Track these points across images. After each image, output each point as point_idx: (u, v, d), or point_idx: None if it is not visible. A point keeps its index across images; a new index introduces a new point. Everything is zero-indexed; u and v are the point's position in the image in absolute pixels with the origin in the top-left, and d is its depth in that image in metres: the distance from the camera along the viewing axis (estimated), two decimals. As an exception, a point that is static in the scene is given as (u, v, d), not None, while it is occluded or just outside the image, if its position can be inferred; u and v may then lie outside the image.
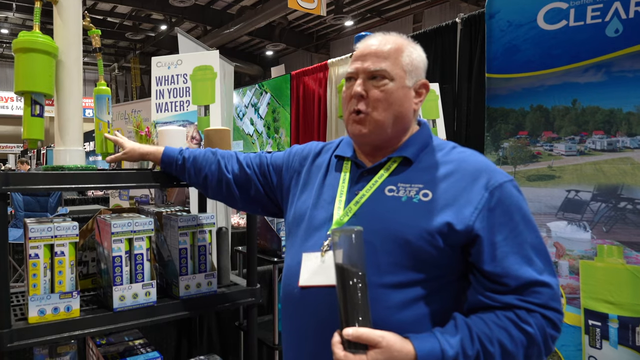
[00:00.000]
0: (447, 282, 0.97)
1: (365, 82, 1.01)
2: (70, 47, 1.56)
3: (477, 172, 0.96)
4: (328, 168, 1.14)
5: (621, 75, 1.65)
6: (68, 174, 1.44)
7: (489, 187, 0.94)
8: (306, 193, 1.15)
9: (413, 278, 0.94)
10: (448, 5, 9.95)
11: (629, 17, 1.62)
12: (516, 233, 0.93)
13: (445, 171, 0.98)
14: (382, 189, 1.00)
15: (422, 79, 1.04)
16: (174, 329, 2.23)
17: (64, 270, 1.43)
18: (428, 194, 0.96)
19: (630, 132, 1.67)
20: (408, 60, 1.01)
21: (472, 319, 0.92)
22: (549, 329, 0.91)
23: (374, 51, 1.01)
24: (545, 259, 0.95)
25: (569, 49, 1.74)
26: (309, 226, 1.08)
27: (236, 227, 3.73)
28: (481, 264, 0.93)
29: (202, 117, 2.16)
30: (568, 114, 1.79)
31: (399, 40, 1.03)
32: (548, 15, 1.78)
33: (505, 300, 0.91)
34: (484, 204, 0.93)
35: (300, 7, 5.63)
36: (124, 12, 11.94)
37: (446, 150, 1.04)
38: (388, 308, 0.93)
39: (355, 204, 1.01)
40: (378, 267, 0.94)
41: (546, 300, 0.91)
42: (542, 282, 0.91)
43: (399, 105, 1.00)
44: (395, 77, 0.99)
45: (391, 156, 1.03)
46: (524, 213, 0.96)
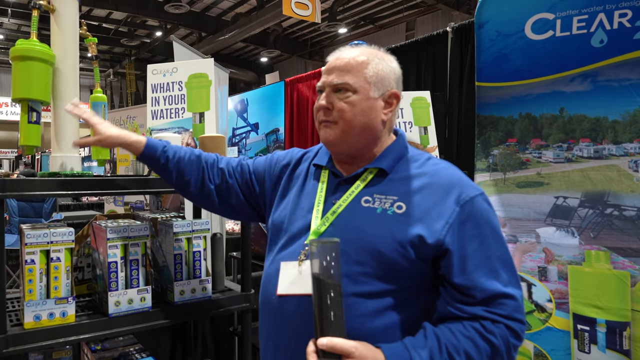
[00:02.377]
0: (417, 292, 1.00)
1: (330, 95, 1.04)
2: (67, 55, 1.59)
3: (449, 186, 0.99)
4: (307, 176, 1.16)
5: (607, 84, 1.69)
6: (64, 180, 1.45)
7: (460, 202, 0.97)
8: (284, 201, 1.17)
9: (385, 288, 0.97)
10: (440, 14, 10.04)
11: (613, 28, 1.66)
12: (485, 246, 0.96)
13: (419, 184, 1.01)
14: (359, 200, 1.03)
15: (392, 89, 1.05)
16: (169, 335, 2.23)
17: (59, 275, 1.43)
18: (402, 207, 0.98)
19: (615, 140, 1.71)
20: (373, 72, 1.02)
21: (440, 328, 0.95)
22: (512, 339, 0.94)
23: (339, 65, 1.04)
24: (511, 271, 0.98)
25: (556, 58, 1.78)
26: (287, 235, 1.10)
27: (231, 233, 3.74)
28: (451, 276, 0.95)
29: (197, 124, 2.18)
30: (556, 122, 1.83)
31: (365, 53, 1.04)
32: (535, 26, 1.82)
33: (472, 311, 0.94)
34: (455, 217, 0.96)
35: (294, 14, 5.67)
36: (119, 18, 11.95)
37: (421, 161, 1.06)
38: (360, 316, 0.96)
39: (332, 214, 1.03)
40: (352, 276, 0.97)
41: (510, 311, 0.95)
42: (507, 294, 0.95)
43: (365, 116, 1.02)
44: (358, 90, 1.01)
45: (367, 167, 1.05)
46: (493, 226, 0.99)
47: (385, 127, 1.06)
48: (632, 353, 1.66)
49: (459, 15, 8.77)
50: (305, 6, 5.78)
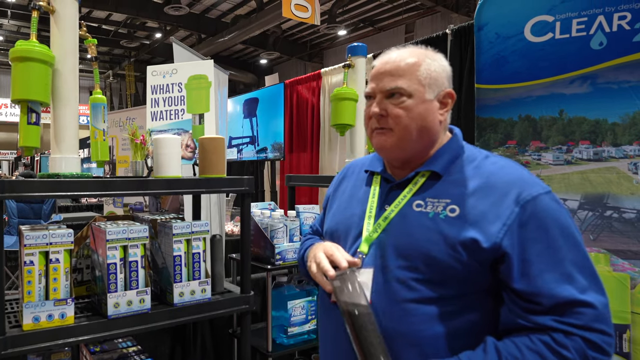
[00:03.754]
0: (477, 298, 0.94)
1: (383, 101, 0.99)
2: (67, 56, 1.58)
3: (507, 185, 0.92)
4: (358, 183, 1.15)
5: (606, 86, 1.69)
6: (63, 182, 1.45)
7: (520, 201, 0.90)
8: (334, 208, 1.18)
9: (440, 294, 0.93)
10: (439, 16, 10.05)
11: (612, 30, 1.67)
12: (553, 249, 0.88)
13: (475, 185, 0.95)
14: (410, 204, 1.00)
15: (445, 88, 1.01)
16: (168, 336, 2.23)
17: (58, 277, 1.43)
18: (455, 210, 0.94)
19: (615, 142, 1.71)
20: (426, 73, 0.98)
21: (504, 342, 0.88)
22: (592, 352, 0.84)
23: (389, 69, 0.99)
24: (590, 276, 0.88)
25: (556, 60, 1.78)
26: (341, 242, 1.09)
27: (230, 234, 3.73)
28: (511, 281, 0.88)
29: (196, 125, 2.18)
30: (555, 124, 1.83)
31: (414, 54, 1.00)
32: (535, 28, 1.82)
33: (540, 321, 0.86)
34: (514, 219, 0.89)
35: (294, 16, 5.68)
36: (119, 19, 11.95)
37: (477, 161, 1.00)
38: (419, 323, 0.93)
39: (384, 220, 1.01)
40: (406, 282, 0.95)
41: (588, 321, 0.84)
42: (583, 301, 0.85)
43: (422, 120, 0.98)
44: (413, 93, 0.97)
45: (419, 170, 1.01)
46: (563, 226, 0.90)
47: (442, 127, 1.02)
48: (632, 355, 1.66)
49: (458, 18, 8.78)
50: (304, 8, 5.79)
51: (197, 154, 2.05)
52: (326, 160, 4.72)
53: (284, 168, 5.44)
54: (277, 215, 2.17)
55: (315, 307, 2.24)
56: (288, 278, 2.25)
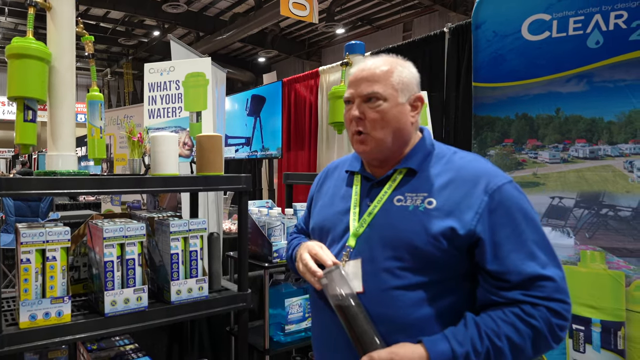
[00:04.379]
0: (457, 282, 1.04)
1: (361, 105, 1.08)
2: (64, 53, 1.58)
3: (476, 177, 1.03)
4: (339, 183, 1.23)
5: (602, 85, 1.70)
6: (60, 179, 1.45)
7: (488, 191, 1.01)
8: (318, 206, 1.27)
9: (424, 280, 1.02)
10: (437, 15, 10.04)
11: (609, 29, 1.67)
12: (518, 232, 0.99)
13: (447, 179, 1.05)
14: (391, 200, 1.09)
15: (416, 93, 1.11)
16: (165, 334, 2.23)
17: (55, 275, 1.43)
18: (432, 202, 1.03)
19: (611, 140, 1.71)
20: (398, 79, 1.07)
21: (481, 316, 0.99)
22: (555, 319, 0.96)
23: (365, 76, 1.09)
24: (548, 253, 1.00)
25: (553, 59, 1.78)
26: (329, 238, 1.17)
27: (228, 232, 3.73)
28: (485, 263, 0.99)
29: (194, 123, 2.18)
30: (552, 122, 1.83)
31: (387, 63, 1.10)
32: (532, 27, 1.82)
33: (510, 296, 0.97)
34: (484, 207, 1.00)
35: (292, 14, 5.67)
36: (116, 17, 11.91)
37: (447, 157, 1.10)
38: (404, 307, 1.02)
39: (369, 215, 1.09)
40: (392, 271, 1.03)
41: (550, 292, 0.96)
42: (545, 275, 0.97)
43: (396, 122, 1.07)
44: (388, 97, 1.06)
45: (397, 168, 1.11)
46: (525, 212, 1.01)
47: (413, 128, 1.12)
48: (626, 353, 1.66)
49: (455, 17, 8.77)
50: (302, 7, 5.77)
51: (194, 152, 2.05)
52: (324, 158, 4.72)
53: (282, 166, 5.44)
54: (274, 213, 2.17)
55: (312, 305, 2.24)
56: (285, 276, 2.26)
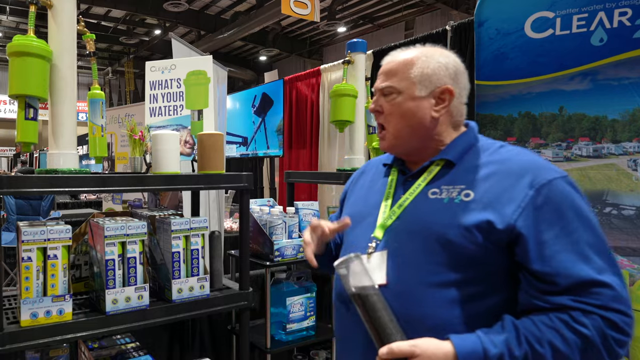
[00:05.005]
0: (495, 281, 0.94)
1: (379, 98, 1.07)
2: (65, 51, 1.57)
3: (522, 170, 0.94)
4: (375, 177, 1.19)
5: (606, 83, 1.69)
6: (61, 178, 1.45)
7: (534, 185, 0.92)
8: (350, 201, 1.23)
9: (457, 277, 0.93)
10: (439, 13, 10.02)
11: (613, 26, 1.66)
12: (569, 231, 0.89)
13: (489, 171, 0.98)
14: (425, 192, 1.02)
15: (443, 85, 1.03)
16: (167, 333, 2.23)
17: (56, 273, 1.43)
18: (470, 194, 0.96)
19: (614, 138, 1.70)
20: (419, 71, 1.02)
21: (521, 320, 0.89)
22: (610, 331, 0.84)
23: (385, 69, 1.07)
24: (606, 257, 0.89)
25: (556, 57, 1.77)
26: (356, 230, 1.12)
27: (229, 231, 3.73)
28: (528, 262, 0.89)
29: (195, 121, 2.17)
30: (555, 120, 1.82)
31: (411, 54, 1.05)
32: (535, 24, 1.81)
33: (557, 301, 0.87)
34: (528, 202, 0.90)
35: (293, 12, 5.66)
36: (118, 16, 11.91)
37: (492, 150, 1.03)
38: (436, 306, 0.94)
39: (399, 207, 1.04)
40: (423, 267, 0.96)
41: (606, 301, 0.85)
42: (601, 281, 0.85)
43: (411, 116, 1.03)
44: (402, 90, 1.03)
45: (433, 159, 1.05)
46: (579, 209, 0.91)
47: (438, 123, 1.04)
48: (630, 352, 1.65)
49: (457, 15, 8.75)
50: (304, 5, 5.76)
51: (195, 150, 2.05)
52: (325, 157, 4.71)
53: (283, 165, 5.44)
54: (275, 211, 2.16)
55: (313, 303, 2.24)
56: (287, 274, 2.25)
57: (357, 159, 2.47)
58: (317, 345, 2.42)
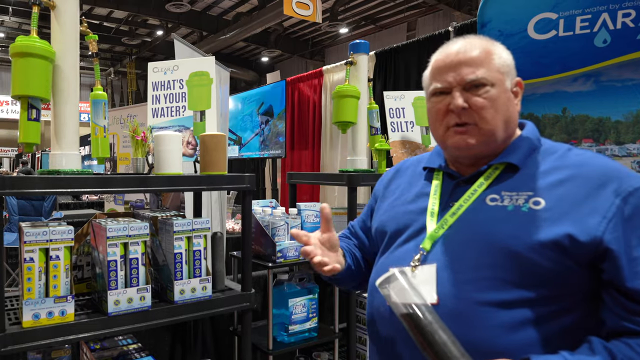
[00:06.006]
0: (570, 302, 0.83)
1: (463, 94, 0.91)
2: (68, 52, 1.57)
3: (603, 176, 0.84)
4: (413, 180, 1.07)
5: (610, 84, 1.68)
6: (64, 178, 1.45)
7: (620, 193, 0.81)
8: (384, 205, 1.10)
9: (524, 296, 0.82)
10: (441, 14, 10.03)
11: (617, 27, 1.65)
12: None
13: (561, 177, 0.87)
14: (483, 199, 0.91)
15: (516, 76, 0.96)
16: (169, 334, 2.23)
17: (58, 274, 1.43)
18: (540, 202, 0.85)
19: (618, 140, 1.69)
20: (500, 61, 0.93)
21: (613, 343, 0.78)
22: None
23: (464, 59, 0.92)
24: None
25: (559, 58, 1.77)
26: (396, 240, 1.01)
27: (231, 232, 3.73)
28: (622, 281, 0.78)
29: (197, 122, 2.17)
30: (558, 122, 1.82)
31: (484, 43, 0.95)
32: (538, 26, 1.81)
33: None
34: (615, 212, 0.80)
35: (295, 13, 5.67)
36: (120, 17, 11.95)
37: (560, 153, 0.92)
38: (494, 328, 0.82)
39: (452, 216, 0.92)
40: (480, 282, 0.84)
41: None
42: None
43: (506, 110, 0.91)
44: (495, 82, 0.91)
45: (492, 163, 0.93)
46: None
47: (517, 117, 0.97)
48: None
49: (460, 16, 8.75)
50: (306, 6, 5.77)
51: (198, 151, 2.05)
52: (327, 158, 4.71)
53: (286, 166, 5.44)
54: (278, 212, 2.16)
55: (316, 305, 2.23)
56: (289, 276, 2.25)
57: (360, 160, 2.47)
58: (320, 347, 2.41)
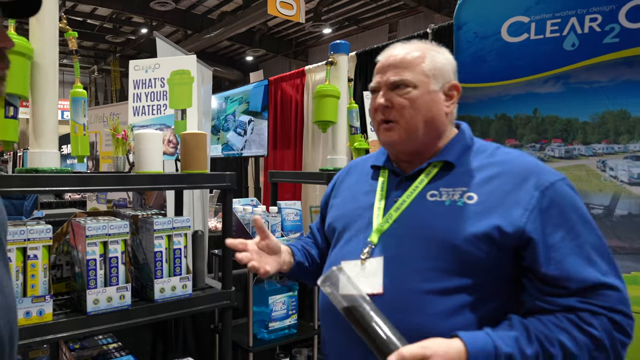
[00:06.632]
0: (497, 287, 0.92)
1: (388, 93, 1.00)
2: (46, 48, 1.56)
3: (525, 172, 0.93)
4: (362, 178, 1.14)
5: (578, 86, 1.73)
6: (42, 177, 1.44)
7: (539, 187, 0.90)
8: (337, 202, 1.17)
9: (461, 284, 0.90)
10: (422, 16, 10.09)
11: (584, 32, 1.71)
12: (574, 234, 0.88)
13: (491, 173, 0.95)
14: (424, 195, 0.98)
15: (451, 80, 1.02)
16: (150, 332, 2.23)
17: (36, 273, 1.42)
18: (473, 197, 0.93)
19: (585, 140, 1.75)
20: (431, 65, 0.99)
21: (528, 319, 0.87)
22: (617, 334, 0.84)
23: (393, 62, 1.00)
24: (609, 260, 0.89)
25: (531, 60, 1.82)
26: (346, 234, 1.07)
27: (214, 230, 3.73)
28: (538, 267, 0.87)
29: (178, 121, 2.18)
30: (529, 122, 1.87)
31: (419, 48, 1.01)
32: (511, 29, 1.86)
33: (565, 302, 0.85)
34: (535, 204, 0.89)
35: (279, 13, 5.67)
36: (104, 14, 11.78)
37: (490, 151, 1.01)
38: (435, 315, 0.90)
39: (396, 210, 0.99)
40: (422, 273, 0.92)
41: (613, 303, 0.85)
42: (607, 284, 0.85)
43: (427, 110, 0.98)
44: (418, 84, 0.98)
45: (431, 161, 1.01)
46: (581, 212, 0.91)
47: (448, 119, 1.03)
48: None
49: (440, 18, 8.82)
50: (289, 6, 5.78)
51: (179, 150, 2.05)
52: (309, 157, 4.73)
53: (268, 164, 5.45)
54: (258, 211, 2.18)
55: (295, 302, 2.25)
56: (270, 274, 2.27)
57: (340, 159, 2.50)
58: (299, 344, 2.44)
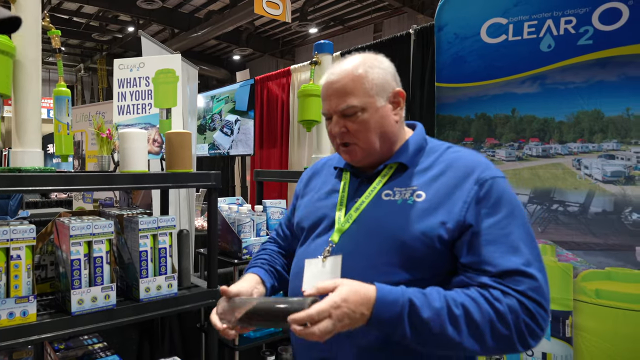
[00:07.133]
0: (443, 280, 0.97)
1: (341, 120, 1.04)
2: (29, 47, 1.56)
3: (468, 168, 0.99)
4: (327, 179, 1.20)
5: (554, 87, 1.78)
6: (25, 176, 1.42)
7: (479, 181, 0.96)
8: (304, 202, 1.22)
9: (409, 277, 0.96)
10: (406, 17, 10.15)
11: (560, 33, 1.75)
12: (502, 225, 0.93)
13: (439, 171, 1.01)
14: (380, 195, 1.04)
15: (394, 89, 1.06)
16: (136, 332, 2.23)
17: (20, 274, 1.41)
18: (421, 195, 0.99)
19: (561, 139, 1.80)
20: (371, 84, 1.02)
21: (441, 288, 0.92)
22: (525, 317, 0.88)
23: (337, 89, 1.04)
24: (534, 254, 0.93)
25: (509, 61, 1.86)
26: (310, 233, 1.13)
27: (200, 229, 3.73)
28: (460, 255, 0.94)
29: (163, 120, 2.18)
30: (508, 122, 1.91)
31: (356, 67, 1.04)
32: (490, 30, 1.89)
33: (482, 280, 0.91)
34: (473, 195, 0.95)
35: (266, 12, 5.67)
36: (90, 12, 11.63)
37: (440, 151, 1.07)
38: None
39: (356, 211, 1.05)
40: (377, 267, 0.98)
41: (526, 288, 0.89)
42: (525, 272, 0.90)
43: (380, 127, 1.04)
44: (365, 106, 1.02)
45: (387, 163, 1.07)
46: (513, 207, 0.96)
47: (399, 125, 1.08)
48: (574, 340, 1.75)
49: (423, 19, 8.88)
50: (276, 5, 5.78)
51: (164, 149, 2.06)
52: (295, 156, 4.74)
53: (255, 163, 5.44)
54: (244, 210, 2.19)
55: (282, 300, 2.27)
56: (256, 272, 2.28)
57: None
58: (285, 341, 2.45)
